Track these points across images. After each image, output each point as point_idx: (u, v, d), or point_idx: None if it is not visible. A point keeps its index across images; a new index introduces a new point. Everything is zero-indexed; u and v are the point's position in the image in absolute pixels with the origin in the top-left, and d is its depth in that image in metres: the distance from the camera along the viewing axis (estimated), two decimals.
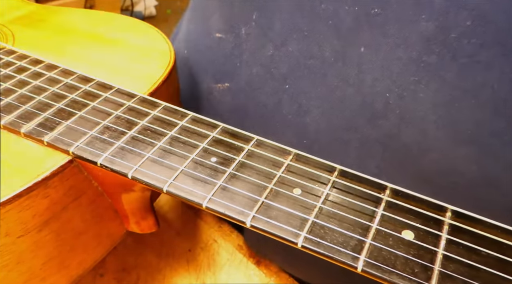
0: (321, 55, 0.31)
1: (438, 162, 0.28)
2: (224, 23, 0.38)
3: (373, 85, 0.29)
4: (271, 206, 0.23)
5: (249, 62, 0.36)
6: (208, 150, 0.27)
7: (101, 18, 0.45)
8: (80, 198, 0.28)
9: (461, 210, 0.22)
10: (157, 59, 0.37)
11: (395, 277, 0.20)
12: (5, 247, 0.25)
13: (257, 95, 0.36)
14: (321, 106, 0.32)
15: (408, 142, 0.29)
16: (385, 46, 0.28)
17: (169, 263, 0.43)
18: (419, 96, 0.28)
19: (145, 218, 0.33)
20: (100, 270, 0.42)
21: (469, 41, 0.25)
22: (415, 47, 0.27)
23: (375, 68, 0.29)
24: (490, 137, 0.26)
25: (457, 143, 0.27)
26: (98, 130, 0.28)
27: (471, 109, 0.26)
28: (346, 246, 0.21)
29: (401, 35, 0.28)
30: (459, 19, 0.25)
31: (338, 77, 0.31)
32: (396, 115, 0.29)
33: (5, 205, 0.24)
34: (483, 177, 0.27)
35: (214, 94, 0.40)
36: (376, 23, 0.28)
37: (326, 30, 0.31)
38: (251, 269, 0.43)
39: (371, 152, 0.30)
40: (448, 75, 0.26)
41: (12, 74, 0.33)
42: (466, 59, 0.26)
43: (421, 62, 0.27)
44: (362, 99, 0.30)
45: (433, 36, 0.26)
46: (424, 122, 0.28)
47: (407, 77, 0.28)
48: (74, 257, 0.30)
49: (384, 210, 0.23)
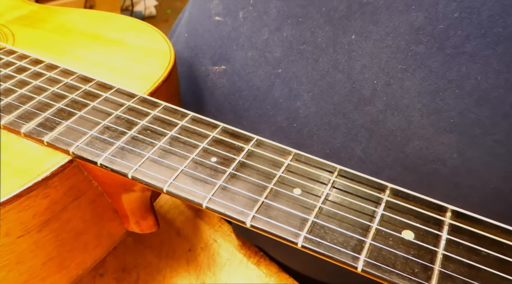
0: (314, 41, 0.32)
1: (421, 149, 0.29)
2: (223, 7, 0.39)
3: (362, 71, 0.30)
4: (271, 206, 0.23)
5: (245, 46, 0.37)
6: (208, 150, 0.27)
7: (101, 18, 0.45)
8: (80, 198, 0.28)
9: (461, 210, 0.22)
10: (157, 59, 0.37)
11: (395, 277, 0.20)
12: (5, 247, 0.25)
13: (251, 78, 0.37)
14: (311, 91, 0.33)
15: (393, 128, 0.29)
16: (375, 34, 0.29)
17: (169, 263, 0.43)
18: (405, 84, 0.28)
19: (145, 218, 0.33)
20: (100, 270, 0.42)
21: (456, 33, 0.26)
22: (404, 36, 0.28)
23: (364, 55, 0.30)
24: (472, 126, 0.27)
25: (440, 131, 0.28)
26: (98, 130, 0.28)
27: (455, 99, 0.27)
28: (346, 246, 0.21)
29: (391, 24, 0.28)
30: (447, 10, 0.26)
31: (329, 63, 0.32)
32: (383, 102, 0.30)
33: (5, 205, 0.24)
34: (463, 165, 0.28)
35: (211, 76, 0.41)
36: (367, 12, 0.29)
37: (319, 16, 0.32)
38: (251, 269, 0.43)
39: (357, 137, 0.31)
40: (434, 65, 0.27)
41: (12, 74, 0.33)
42: (452, 49, 0.26)
43: (409, 51, 0.28)
44: (350, 85, 0.31)
45: (422, 26, 0.27)
46: (409, 109, 0.28)
47: (395, 65, 0.29)
48: (74, 257, 0.30)
49: (384, 210, 0.23)
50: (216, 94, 0.41)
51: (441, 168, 0.28)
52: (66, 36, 0.42)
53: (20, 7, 0.48)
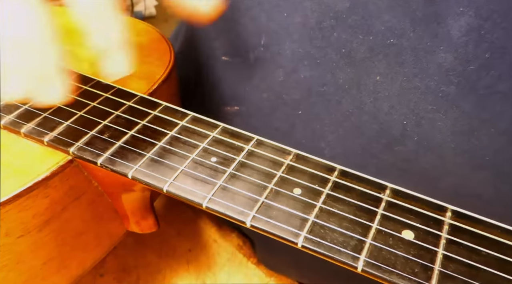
0: (335, 82, 0.31)
1: (455, 185, 0.29)
2: (231, 47, 0.38)
3: (390, 112, 0.30)
4: (271, 206, 0.23)
5: (259, 87, 0.36)
6: (208, 150, 0.27)
7: None
8: (80, 198, 0.28)
9: (461, 210, 0.22)
10: (157, 59, 0.37)
11: (395, 277, 0.20)
12: (5, 247, 0.25)
13: (269, 120, 0.36)
14: (336, 132, 0.32)
15: (426, 167, 0.29)
16: (401, 75, 0.29)
17: (169, 263, 0.43)
18: (437, 124, 0.28)
19: (145, 218, 0.33)
20: (100, 270, 0.42)
21: (488, 73, 0.26)
22: (433, 77, 0.27)
23: (391, 96, 0.29)
24: (507, 163, 0.27)
25: (474, 168, 0.28)
26: (98, 130, 0.28)
27: (490, 137, 0.27)
28: (346, 246, 0.21)
29: (418, 65, 0.28)
30: (478, 51, 0.26)
31: (353, 104, 0.31)
32: (414, 141, 0.29)
33: (5, 205, 0.24)
34: (498, 198, 0.28)
35: (225, 115, 0.39)
36: (391, 53, 0.28)
37: (339, 58, 0.31)
38: (251, 269, 0.43)
39: (388, 176, 0.31)
40: (466, 105, 0.27)
41: None
42: (484, 90, 0.26)
43: (439, 92, 0.27)
44: (378, 126, 0.30)
45: (451, 67, 0.27)
46: (442, 148, 0.28)
47: (425, 106, 0.28)
48: (74, 257, 0.30)
49: (384, 210, 0.23)
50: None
51: (476, 202, 0.28)
52: (66, 36, 0.42)
53: None
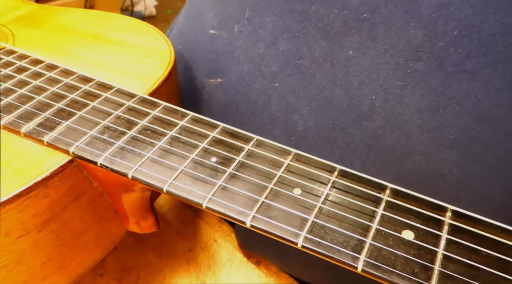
0: (311, 55, 0.32)
1: (421, 164, 0.29)
2: (218, 20, 0.39)
3: (360, 87, 0.30)
4: (271, 206, 0.23)
5: (241, 59, 0.37)
6: (208, 150, 0.27)
7: (101, 18, 0.45)
8: (80, 198, 0.28)
9: (461, 210, 0.22)
10: (157, 59, 0.37)
11: (395, 277, 0.20)
12: (5, 247, 0.25)
13: (247, 91, 0.37)
14: (309, 105, 0.33)
15: (392, 144, 0.29)
16: (373, 50, 0.29)
17: (169, 263, 0.43)
18: (404, 101, 0.28)
19: (145, 218, 0.33)
20: (100, 270, 0.42)
21: (456, 50, 0.26)
22: (403, 53, 0.28)
23: (362, 71, 0.30)
24: (472, 143, 0.27)
25: (439, 147, 0.28)
26: (98, 130, 0.28)
27: (455, 116, 0.27)
28: (346, 246, 0.21)
29: (389, 41, 0.28)
30: (447, 28, 0.26)
31: (326, 78, 0.32)
32: (382, 117, 0.29)
33: (5, 205, 0.24)
34: (463, 180, 0.27)
35: (207, 88, 0.41)
36: (364, 28, 0.29)
37: (315, 31, 0.32)
38: (251, 269, 0.43)
39: (356, 152, 0.31)
40: (434, 82, 0.27)
41: (12, 74, 0.33)
42: (452, 67, 0.26)
43: (408, 68, 0.28)
44: (348, 100, 0.31)
45: (420, 44, 0.27)
46: (409, 125, 0.28)
47: (394, 82, 0.28)
48: (74, 257, 0.30)
49: (384, 210, 0.23)
50: (213, 107, 0.41)
51: (441, 183, 0.28)
52: (66, 36, 0.42)
53: (20, 7, 0.48)
